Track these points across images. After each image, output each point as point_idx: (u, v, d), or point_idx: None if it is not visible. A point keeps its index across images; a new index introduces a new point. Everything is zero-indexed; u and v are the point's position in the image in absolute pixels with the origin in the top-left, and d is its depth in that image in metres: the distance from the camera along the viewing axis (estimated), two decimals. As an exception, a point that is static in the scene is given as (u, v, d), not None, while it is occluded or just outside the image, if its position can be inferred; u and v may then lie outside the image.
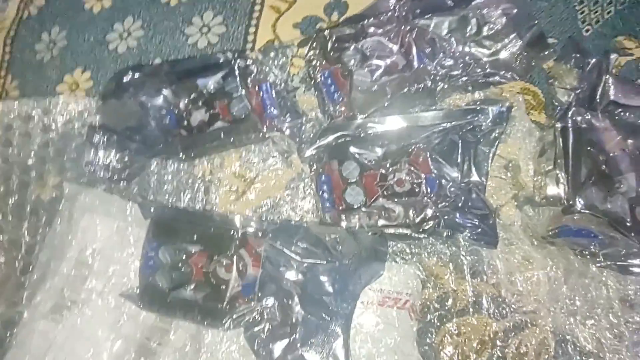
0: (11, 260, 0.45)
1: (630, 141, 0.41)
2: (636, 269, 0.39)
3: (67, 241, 0.44)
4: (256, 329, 0.39)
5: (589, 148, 0.40)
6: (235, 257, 0.40)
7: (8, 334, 0.43)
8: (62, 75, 0.52)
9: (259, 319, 0.39)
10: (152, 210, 0.43)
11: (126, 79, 0.46)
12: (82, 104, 0.49)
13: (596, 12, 0.48)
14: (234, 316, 0.39)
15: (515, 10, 0.45)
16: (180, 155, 0.44)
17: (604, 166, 0.40)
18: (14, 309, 0.44)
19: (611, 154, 0.40)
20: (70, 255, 0.44)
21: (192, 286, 0.41)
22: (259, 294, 0.39)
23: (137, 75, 0.46)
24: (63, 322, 0.42)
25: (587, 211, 0.38)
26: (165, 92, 0.45)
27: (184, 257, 0.41)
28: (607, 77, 0.42)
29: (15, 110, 0.48)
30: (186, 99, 0.45)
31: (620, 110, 0.42)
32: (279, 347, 0.38)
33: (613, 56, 0.43)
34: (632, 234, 0.38)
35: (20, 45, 0.54)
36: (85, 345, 0.41)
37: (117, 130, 0.45)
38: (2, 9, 0.57)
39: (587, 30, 0.48)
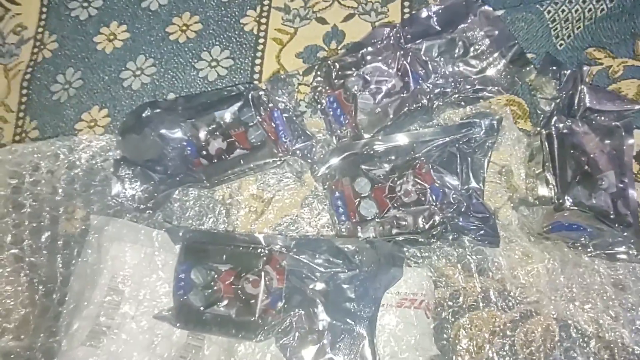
0: (49, 293, 0.47)
1: (607, 142, 0.46)
2: (623, 256, 0.43)
3: (98, 270, 0.46)
4: (286, 338, 0.41)
5: (572, 151, 0.45)
6: (262, 273, 0.43)
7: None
8: (80, 114, 0.55)
9: (289, 328, 0.42)
10: (180, 234, 0.46)
11: (145, 114, 0.49)
12: (103, 140, 0.51)
13: (567, 28, 0.53)
14: (266, 327, 0.42)
15: (496, 32, 0.50)
16: (205, 183, 0.48)
17: (586, 166, 0.45)
18: (52, 339, 0.46)
19: (592, 155, 0.45)
20: (102, 283, 0.46)
21: (225, 303, 0.43)
22: (286, 305, 0.42)
23: (155, 110, 0.49)
24: (101, 348, 0.44)
25: (576, 208, 0.42)
26: (184, 125, 0.48)
27: (215, 276, 0.44)
28: (582, 86, 0.47)
29: (42, 150, 0.50)
30: (205, 131, 0.48)
31: (596, 115, 0.47)
32: (309, 353, 0.41)
33: (586, 68, 0.48)
34: (616, 225, 0.42)
35: (37, 87, 0.57)
36: (123, 368, 0.43)
37: (138, 163, 0.49)
38: (16, 54, 0.59)
39: (560, 45, 0.53)
